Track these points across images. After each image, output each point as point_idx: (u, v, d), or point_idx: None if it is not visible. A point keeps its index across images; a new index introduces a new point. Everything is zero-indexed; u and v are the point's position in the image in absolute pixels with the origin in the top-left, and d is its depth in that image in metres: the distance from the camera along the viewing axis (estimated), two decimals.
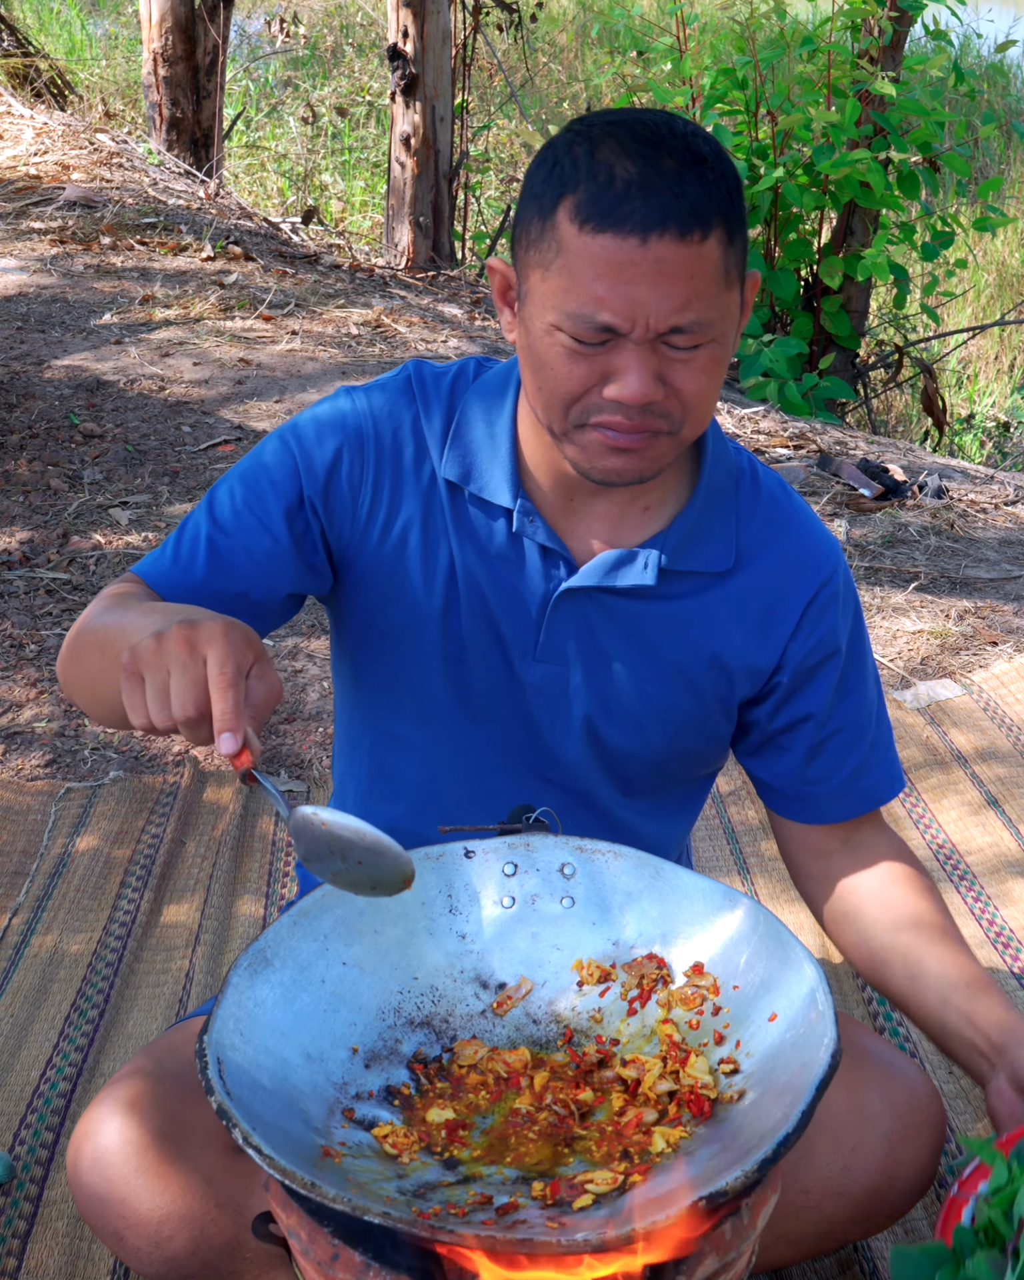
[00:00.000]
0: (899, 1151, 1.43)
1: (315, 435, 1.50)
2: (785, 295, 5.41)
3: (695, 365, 1.33)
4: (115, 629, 1.34)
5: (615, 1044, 1.30)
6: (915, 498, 4.36)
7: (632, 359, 1.30)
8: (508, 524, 1.49)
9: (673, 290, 1.27)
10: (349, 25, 12.27)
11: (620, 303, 1.28)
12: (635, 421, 1.34)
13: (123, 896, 2.42)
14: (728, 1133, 1.15)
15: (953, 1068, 2.01)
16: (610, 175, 1.27)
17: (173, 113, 7.45)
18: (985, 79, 9.79)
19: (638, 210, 1.25)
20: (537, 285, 1.33)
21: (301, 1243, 1.16)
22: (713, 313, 1.31)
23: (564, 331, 1.31)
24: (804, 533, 1.55)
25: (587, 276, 1.28)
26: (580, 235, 1.27)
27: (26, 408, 4.40)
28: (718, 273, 1.30)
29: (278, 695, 1.20)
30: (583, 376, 1.33)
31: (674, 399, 1.34)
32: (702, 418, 1.38)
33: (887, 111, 5.24)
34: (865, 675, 1.60)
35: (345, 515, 1.50)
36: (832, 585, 1.55)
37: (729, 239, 1.30)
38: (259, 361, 4.92)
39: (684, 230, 1.26)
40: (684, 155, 1.28)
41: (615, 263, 1.26)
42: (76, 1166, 1.39)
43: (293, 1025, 1.24)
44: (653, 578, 1.48)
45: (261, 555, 1.48)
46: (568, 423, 1.37)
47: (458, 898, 1.37)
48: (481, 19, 7.17)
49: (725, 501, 1.52)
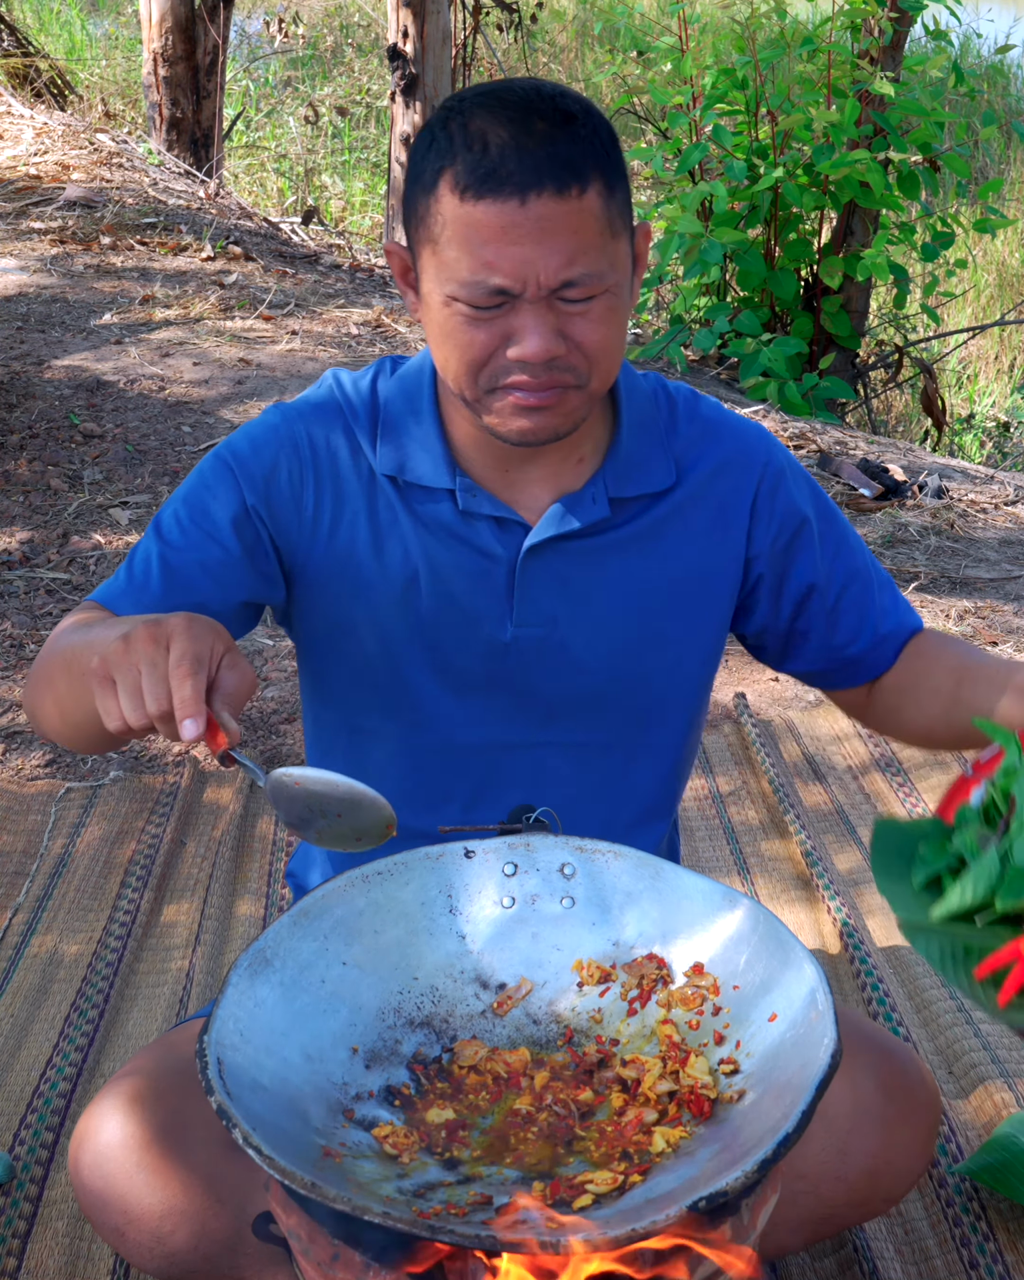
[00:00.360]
0: (894, 1134, 1.44)
1: (251, 448, 1.54)
2: (785, 295, 5.41)
3: (592, 317, 1.37)
4: (80, 646, 1.35)
5: (615, 1044, 1.30)
6: (915, 498, 4.36)
7: (528, 318, 1.34)
8: (454, 504, 1.53)
9: (558, 246, 1.31)
10: (349, 25, 12.27)
11: (509, 264, 1.32)
12: (542, 379, 1.37)
13: (123, 896, 2.42)
14: (728, 1133, 1.15)
15: (953, 1066, 2.01)
16: (484, 143, 1.31)
17: (173, 113, 7.45)
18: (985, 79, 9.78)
19: (513, 173, 1.30)
20: (429, 261, 1.38)
21: (302, 1243, 1.16)
22: (601, 263, 1.35)
23: (460, 301, 1.35)
24: (730, 432, 1.61)
25: (473, 243, 1.32)
26: (462, 205, 1.32)
27: (26, 408, 4.40)
28: (601, 224, 1.34)
29: (252, 683, 1.23)
30: (485, 342, 1.37)
31: (577, 353, 1.38)
32: (608, 368, 1.42)
33: (886, 112, 5.24)
34: (845, 532, 1.65)
35: (290, 520, 1.53)
36: (770, 468, 1.60)
37: (608, 190, 1.35)
38: (259, 361, 4.92)
39: (561, 186, 1.30)
40: (554, 116, 1.32)
41: (498, 226, 1.31)
42: (77, 1163, 1.40)
43: (293, 1025, 1.24)
44: (605, 508, 1.53)
45: (214, 566, 1.51)
46: (479, 389, 1.41)
47: (458, 898, 1.37)
48: (481, 19, 7.17)
49: (651, 424, 1.57)
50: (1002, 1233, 1.73)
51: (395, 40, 6.55)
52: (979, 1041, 2.03)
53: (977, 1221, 1.75)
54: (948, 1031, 2.06)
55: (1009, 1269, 1.68)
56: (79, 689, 1.32)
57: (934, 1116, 1.47)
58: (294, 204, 8.54)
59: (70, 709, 1.39)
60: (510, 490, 1.54)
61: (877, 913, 2.39)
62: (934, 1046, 2.06)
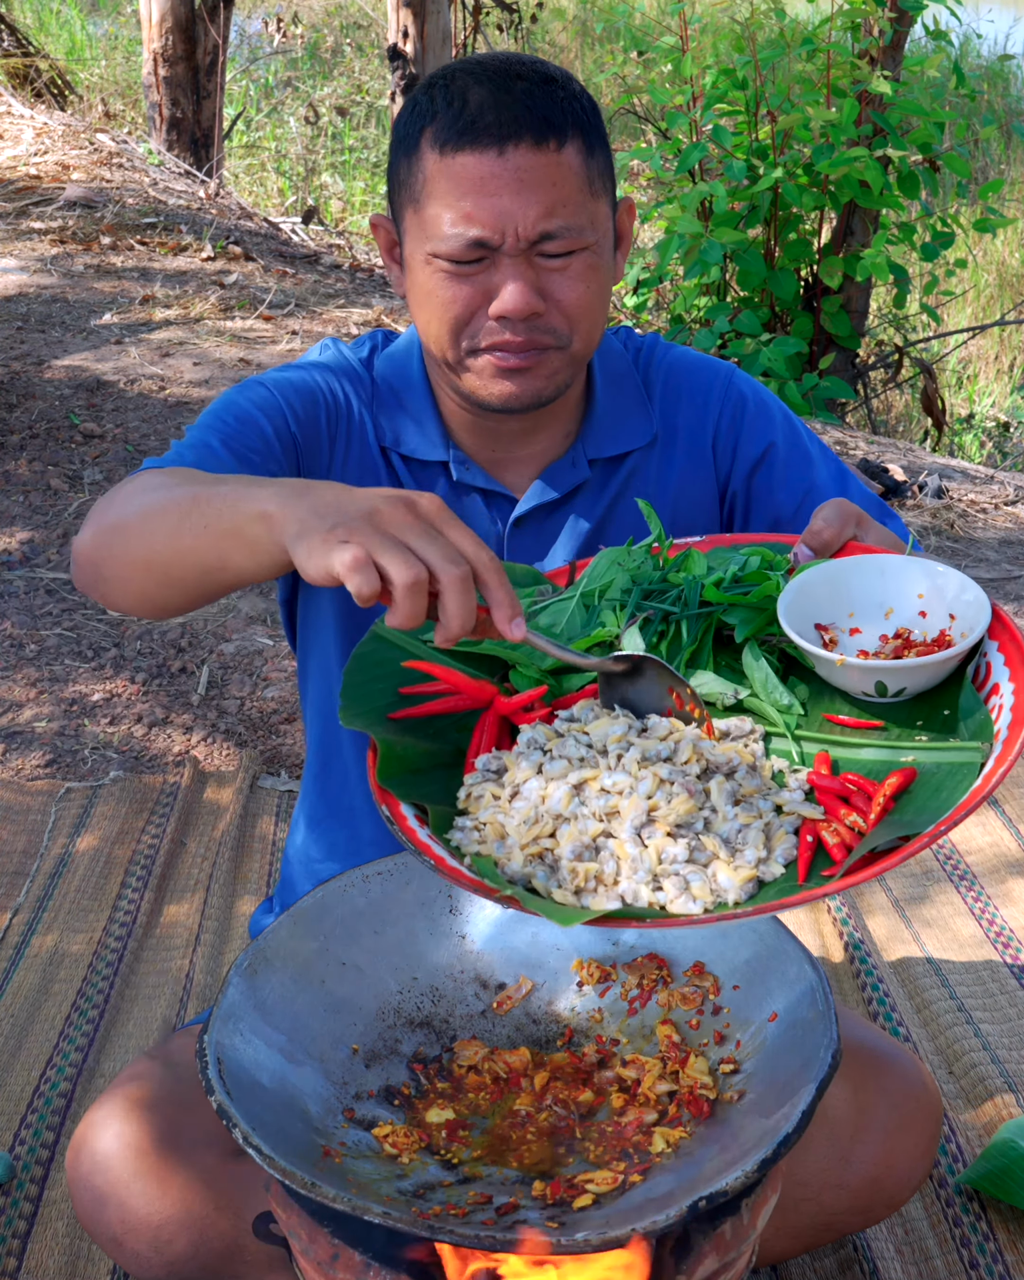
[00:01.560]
0: (896, 1142, 1.43)
1: (294, 390, 1.52)
2: (785, 295, 5.40)
3: (572, 274, 1.38)
4: (213, 498, 1.18)
5: (615, 1044, 1.30)
6: (915, 498, 4.36)
7: (508, 272, 1.36)
8: (447, 477, 1.54)
9: (536, 197, 1.33)
10: (349, 25, 12.27)
11: (487, 215, 1.33)
12: (523, 338, 1.38)
13: (123, 896, 2.42)
14: (728, 1133, 1.15)
15: (952, 1066, 2.01)
16: (464, 100, 1.33)
17: (173, 113, 7.45)
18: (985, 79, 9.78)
19: (491, 125, 1.32)
20: (411, 222, 1.39)
21: (302, 1243, 1.16)
22: (580, 218, 1.36)
23: (440, 257, 1.36)
24: (694, 373, 1.61)
25: (453, 196, 1.34)
26: (442, 159, 1.34)
27: (26, 408, 4.40)
28: (580, 180, 1.35)
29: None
30: (466, 298, 1.38)
31: (556, 312, 1.38)
32: (589, 330, 1.42)
33: (886, 112, 5.24)
34: (810, 460, 1.59)
35: (319, 466, 1.53)
36: (729, 401, 1.59)
37: (588, 150, 1.36)
38: (259, 361, 4.92)
39: (539, 138, 1.32)
40: (534, 76, 1.35)
41: (477, 177, 1.33)
42: (75, 1170, 1.39)
43: (293, 1025, 1.24)
44: (585, 470, 1.54)
45: (272, 438, 1.47)
46: (460, 350, 1.41)
47: (458, 898, 1.37)
48: (482, 19, 7.17)
49: (628, 381, 1.58)
50: (1002, 1233, 1.73)
51: (395, 40, 6.55)
52: (979, 1042, 2.03)
53: (977, 1222, 1.75)
54: (948, 1032, 2.06)
55: (1009, 1269, 1.68)
56: (212, 539, 1.16)
57: (936, 1124, 1.47)
58: (294, 204, 8.53)
59: (171, 562, 1.22)
60: (498, 468, 1.55)
61: (877, 913, 2.40)
62: (934, 1047, 2.06)
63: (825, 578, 1.26)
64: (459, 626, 1.02)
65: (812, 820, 1.13)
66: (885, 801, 1.11)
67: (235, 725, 3.02)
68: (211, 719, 3.03)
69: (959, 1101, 1.96)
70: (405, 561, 1.01)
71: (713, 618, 1.28)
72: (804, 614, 1.25)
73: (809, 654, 1.22)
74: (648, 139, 7.76)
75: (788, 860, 1.11)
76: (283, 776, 2.84)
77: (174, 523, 1.20)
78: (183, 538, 1.19)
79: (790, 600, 1.24)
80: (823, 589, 1.26)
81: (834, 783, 1.15)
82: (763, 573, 1.30)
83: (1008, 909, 2.40)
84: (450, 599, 1.02)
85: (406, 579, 1.00)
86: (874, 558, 1.28)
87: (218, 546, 1.16)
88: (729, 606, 1.28)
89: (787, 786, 1.17)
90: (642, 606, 1.29)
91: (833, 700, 1.24)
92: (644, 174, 7.62)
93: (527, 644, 1.10)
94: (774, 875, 1.10)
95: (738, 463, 1.58)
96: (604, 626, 1.29)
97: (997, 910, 2.40)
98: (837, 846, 1.10)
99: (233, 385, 1.74)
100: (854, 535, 1.31)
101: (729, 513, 1.60)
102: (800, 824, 1.13)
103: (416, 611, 1.02)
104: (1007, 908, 2.40)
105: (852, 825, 1.10)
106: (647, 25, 6.57)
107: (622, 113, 7.35)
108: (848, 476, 1.61)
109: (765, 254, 5.44)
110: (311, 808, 1.73)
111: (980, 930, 2.34)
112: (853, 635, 1.26)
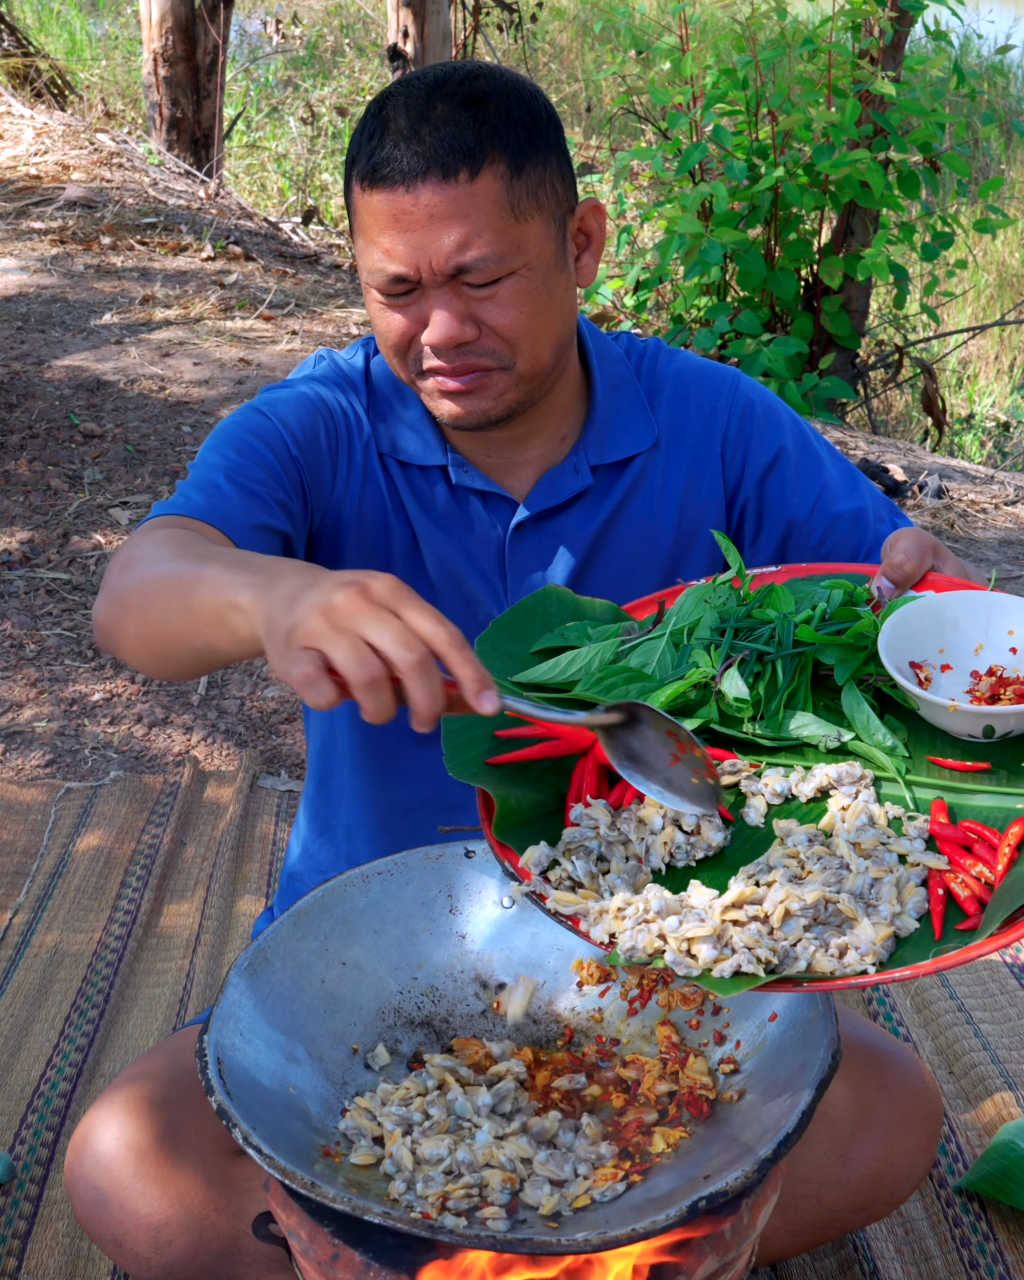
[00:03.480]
0: (896, 1139, 1.44)
1: (292, 413, 1.52)
2: (785, 295, 5.40)
3: (501, 300, 1.37)
4: (198, 582, 1.18)
5: (615, 1044, 1.30)
6: (916, 498, 4.36)
7: (434, 302, 1.37)
8: (447, 482, 1.54)
9: (447, 231, 1.33)
10: (349, 25, 12.26)
11: (403, 251, 1.34)
12: (457, 364, 1.39)
13: (123, 896, 2.42)
14: (728, 1133, 1.15)
15: (953, 1066, 2.01)
16: (383, 133, 1.34)
17: (173, 113, 7.44)
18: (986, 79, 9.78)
19: (401, 161, 1.32)
20: (357, 251, 1.41)
21: (302, 1243, 1.16)
22: (500, 246, 1.35)
23: (374, 288, 1.39)
24: (699, 379, 1.60)
25: (373, 232, 1.36)
26: (364, 195, 1.36)
27: (26, 408, 4.40)
28: (499, 207, 1.34)
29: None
30: (402, 328, 1.40)
31: (492, 336, 1.39)
32: (533, 350, 1.41)
33: (887, 112, 5.24)
34: (821, 464, 1.59)
35: (323, 485, 1.52)
36: (736, 406, 1.58)
37: (512, 172, 1.35)
38: (259, 361, 4.92)
39: (447, 172, 1.32)
40: (458, 98, 1.34)
41: (391, 215, 1.34)
42: (75, 1172, 1.38)
43: (293, 1025, 1.24)
44: (588, 477, 1.54)
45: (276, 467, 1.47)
46: (409, 373, 1.44)
47: (458, 898, 1.37)
48: (482, 19, 7.17)
49: (628, 386, 1.57)
50: (1002, 1233, 1.73)
51: (395, 40, 6.55)
52: (979, 1041, 2.03)
53: (977, 1221, 1.75)
54: (948, 1031, 2.06)
55: (1009, 1269, 1.68)
56: (198, 624, 1.17)
57: (936, 1122, 1.47)
58: (294, 204, 8.53)
59: (167, 641, 1.24)
60: (496, 471, 1.55)
61: None
62: (934, 1046, 2.06)
63: (918, 614, 1.25)
64: (427, 710, 1.00)
65: (938, 871, 1.10)
66: (1012, 852, 1.08)
67: (235, 725, 3.02)
68: (211, 719, 3.03)
69: (959, 1101, 1.96)
70: (358, 660, 0.98)
71: (808, 657, 1.26)
72: (900, 652, 1.23)
73: (916, 697, 1.20)
74: (648, 139, 7.76)
75: (919, 914, 1.09)
76: (283, 776, 2.84)
77: (164, 604, 1.22)
78: (172, 620, 1.21)
79: (888, 639, 1.22)
80: (916, 625, 1.24)
81: (956, 832, 1.12)
82: (851, 609, 1.28)
83: None
84: (411, 686, 0.99)
85: (361, 679, 0.98)
86: (962, 594, 1.27)
87: (202, 632, 1.17)
88: (823, 646, 1.26)
89: (906, 835, 1.14)
90: (736, 647, 1.27)
91: (933, 740, 1.22)
92: (644, 174, 7.62)
93: (505, 712, 1.06)
94: (909, 930, 1.08)
95: (749, 468, 1.57)
96: (698, 667, 1.26)
97: None
98: (968, 900, 1.07)
99: (232, 386, 1.74)
100: (933, 566, 1.31)
101: (740, 518, 1.59)
102: (927, 875, 1.11)
103: (382, 706, 1.00)
104: None
105: (978, 875, 1.09)
106: (646, 25, 6.57)
107: (622, 112, 7.35)
108: (858, 476, 1.61)
109: (766, 254, 5.43)
110: (310, 821, 1.73)
111: None
112: (944, 671, 1.24)
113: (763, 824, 1.18)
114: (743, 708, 1.23)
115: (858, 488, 1.58)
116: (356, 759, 1.65)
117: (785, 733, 1.23)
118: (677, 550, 1.57)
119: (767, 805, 1.19)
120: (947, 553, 1.33)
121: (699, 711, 1.25)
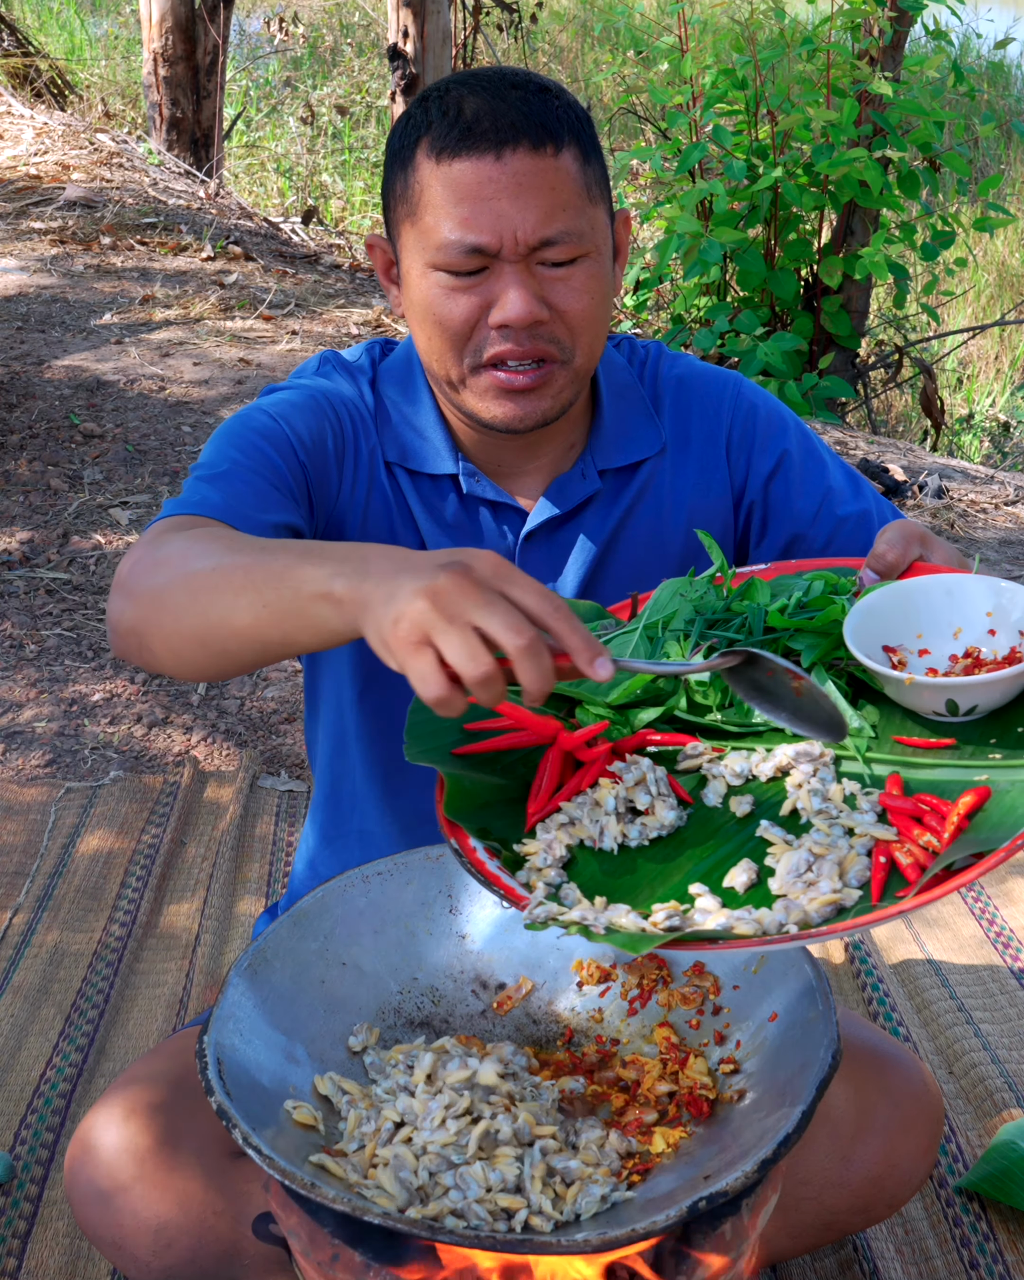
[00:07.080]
0: (898, 1142, 1.43)
1: (298, 415, 1.49)
2: (785, 295, 5.40)
3: (574, 284, 1.36)
4: (268, 574, 1.13)
5: (615, 1044, 1.30)
6: (916, 498, 4.36)
7: (510, 279, 1.34)
8: (457, 491, 1.53)
9: (536, 201, 1.32)
10: (349, 25, 12.26)
11: (487, 220, 1.32)
12: (526, 347, 1.37)
13: (123, 896, 2.42)
14: (728, 1133, 1.15)
15: (953, 1066, 2.01)
16: (459, 109, 1.33)
17: (173, 113, 7.44)
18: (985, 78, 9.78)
19: (488, 130, 1.31)
20: (409, 236, 1.37)
21: (302, 1243, 1.16)
22: (580, 223, 1.35)
23: (439, 268, 1.35)
24: (703, 383, 1.59)
25: (450, 203, 1.33)
26: (439, 167, 1.33)
27: (26, 408, 4.40)
28: (579, 185, 1.34)
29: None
30: (467, 311, 1.36)
31: (559, 322, 1.37)
32: (591, 344, 1.41)
33: (886, 111, 5.24)
34: (825, 468, 1.59)
35: (329, 491, 1.51)
36: (739, 407, 1.58)
37: (584, 158, 1.35)
38: (259, 361, 4.92)
39: (537, 142, 1.31)
40: (529, 86, 1.35)
41: (475, 183, 1.31)
42: (75, 1175, 1.38)
43: (293, 1025, 1.24)
44: (596, 481, 1.53)
45: (283, 470, 1.45)
46: (463, 366, 1.40)
47: (458, 898, 1.37)
48: (482, 19, 7.17)
49: (633, 392, 1.57)
50: (1002, 1233, 1.73)
51: (395, 40, 6.55)
52: (979, 1041, 2.03)
53: (977, 1222, 1.75)
54: (948, 1032, 2.06)
55: (1009, 1269, 1.68)
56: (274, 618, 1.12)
57: (938, 1123, 1.47)
58: (294, 204, 8.53)
59: (228, 638, 1.17)
60: (505, 479, 1.54)
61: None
62: (934, 1046, 2.06)
63: (892, 599, 1.25)
64: (538, 691, 0.99)
65: (885, 842, 1.11)
66: (960, 820, 1.09)
67: (235, 725, 3.02)
68: (211, 719, 3.03)
69: (959, 1102, 1.96)
70: (471, 656, 0.97)
71: (778, 644, 1.26)
72: (872, 637, 1.23)
73: (877, 674, 1.20)
74: (648, 139, 7.76)
75: (862, 882, 1.09)
76: (283, 776, 2.83)
77: (228, 600, 1.15)
78: (239, 615, 1.14)
79: (858, 623, 1.22)
80: (890, 611, 1.24)
81: (907, 803, 1.13)
82: (828, 597, 1.29)
83: (1008, 909, 2.40)
84: (522, 670, 0.98)
85: (475, 676, 0.97)
86: (939, 577, 1.27)
87: (280, 626, 1.12)
88: (794, 632, 1.26)
89: (859, 809, 1.15)
90: (706, 635, 1.27)
91: (904, 722, 1.22)
92: (644, 174, 7.62)
93: (624, 671, 1.05)
94: (853, 899, 1.08)
95: (753, 471, 1.57)
96: (669, 657, 1.28)
97: (997, 911, 2.40)
98: (910, 867, 1.08)
99: (232, 386, 1.73)
100: (920, 555, 1.30)
101: (746, 521, 1.59)
102: (873, 845, 1.11)
103: (494, 696, 1.00)
104: (1007, 908, 2.40)
105: (925, 845, 1.09)
106: (646, 25, 6.56)
107: (622, 112, 7.35)
108: (858, 478, 1.61)
109: (765, 254, 5.44)
110: (322, 827, 1.72)
111: (981, 931, 2.34)
112: (922, 656, 1.24)
113: (721, 804, 1.19)
114: (709, 693, 1.24)
115: (861, 491, 1.58)
116: (369, 768, 1.64)
117: (752, 719, 1.23)
118: (687, 555, 1.56)
119: (726, 786, 1.20)
120: (936, 542, 1.33)
121: (668, 700, 1.26)
